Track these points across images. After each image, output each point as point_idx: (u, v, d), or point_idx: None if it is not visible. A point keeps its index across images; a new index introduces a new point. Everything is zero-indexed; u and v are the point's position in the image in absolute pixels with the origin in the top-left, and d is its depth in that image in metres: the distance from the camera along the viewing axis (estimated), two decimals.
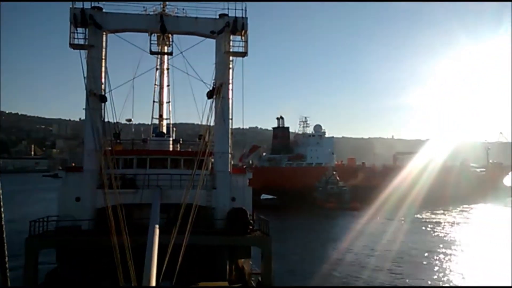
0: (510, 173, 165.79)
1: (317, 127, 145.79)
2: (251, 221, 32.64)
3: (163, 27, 34.48)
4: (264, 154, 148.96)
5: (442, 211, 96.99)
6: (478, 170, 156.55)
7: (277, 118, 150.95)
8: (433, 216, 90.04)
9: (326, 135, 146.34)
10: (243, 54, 35.20)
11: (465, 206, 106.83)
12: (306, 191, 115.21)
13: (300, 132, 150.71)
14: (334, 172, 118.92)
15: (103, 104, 33.54)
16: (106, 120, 33.70)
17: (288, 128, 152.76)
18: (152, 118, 45.21)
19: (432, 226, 77.34)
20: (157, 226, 25.93)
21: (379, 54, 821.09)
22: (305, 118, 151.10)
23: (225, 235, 31.43)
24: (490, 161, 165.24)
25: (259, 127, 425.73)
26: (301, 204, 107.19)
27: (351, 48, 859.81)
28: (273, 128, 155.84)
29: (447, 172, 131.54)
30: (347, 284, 41.70)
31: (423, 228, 75.40)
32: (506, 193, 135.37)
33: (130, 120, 43.03)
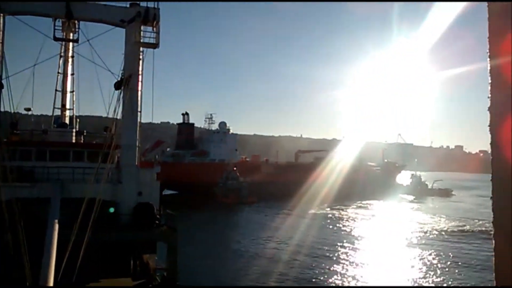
0: (402, 172, 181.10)
1: (222, 124, 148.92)
2: (157, 216, 32.30)
3: (69, 13, 32.59)
4: (168, 149, 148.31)
5: (341, 208, 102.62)
6: (375, 168, 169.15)
7: (183, 114, 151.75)
8: (332, 212, 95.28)
9: (231, 132, 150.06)
10: (155, 45, 34.49)
11: (364, 202, 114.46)
12: (208, 187, 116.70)
13: (206, 129, 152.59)
14: (234, 168, 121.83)
15: None
16: (2, 109, 31.36)
17: (193, 124, 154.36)
18: (54, 108, 42.86)
19: (330, 221, 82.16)
20: (56, 221, 24.77)
21: (297, 56, 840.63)
22: (211, 115, 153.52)
23: (129, 230, 30.79)
24: (385, 160, 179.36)
25: (171, 122, 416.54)
26: (202, 199, 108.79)
27: (268, 49, 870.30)
28: (178, 124, 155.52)
29: (354, 170, 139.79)
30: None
31: (325, 223, 79.81)
32: (398, 190, 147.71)
33: (29, 109, 40.33)
